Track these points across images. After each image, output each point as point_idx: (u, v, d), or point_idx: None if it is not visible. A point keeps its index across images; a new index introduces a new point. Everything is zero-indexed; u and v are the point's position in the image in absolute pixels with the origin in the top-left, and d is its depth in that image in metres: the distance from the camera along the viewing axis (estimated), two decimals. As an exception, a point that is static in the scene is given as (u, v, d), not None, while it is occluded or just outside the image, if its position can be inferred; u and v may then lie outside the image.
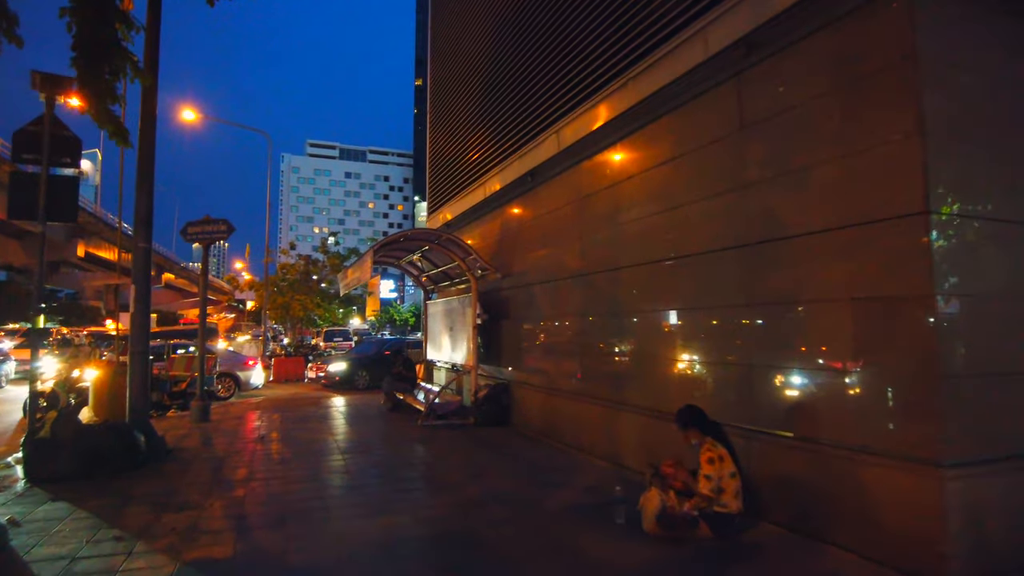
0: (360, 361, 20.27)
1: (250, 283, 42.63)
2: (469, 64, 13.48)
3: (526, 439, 9.81)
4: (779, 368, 5.39)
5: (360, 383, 19.42)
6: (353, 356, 21.18)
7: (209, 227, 12.54)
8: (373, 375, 19.46)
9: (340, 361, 20.47)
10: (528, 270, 10.56)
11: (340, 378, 19.46)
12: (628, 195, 7.62)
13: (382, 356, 20.49)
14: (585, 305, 8.64)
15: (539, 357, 10.06)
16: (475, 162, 12.59)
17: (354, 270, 11.84)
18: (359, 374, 19.58)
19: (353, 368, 19.70)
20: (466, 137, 13.34)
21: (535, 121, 9.70)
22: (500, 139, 11.12)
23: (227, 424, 11.78)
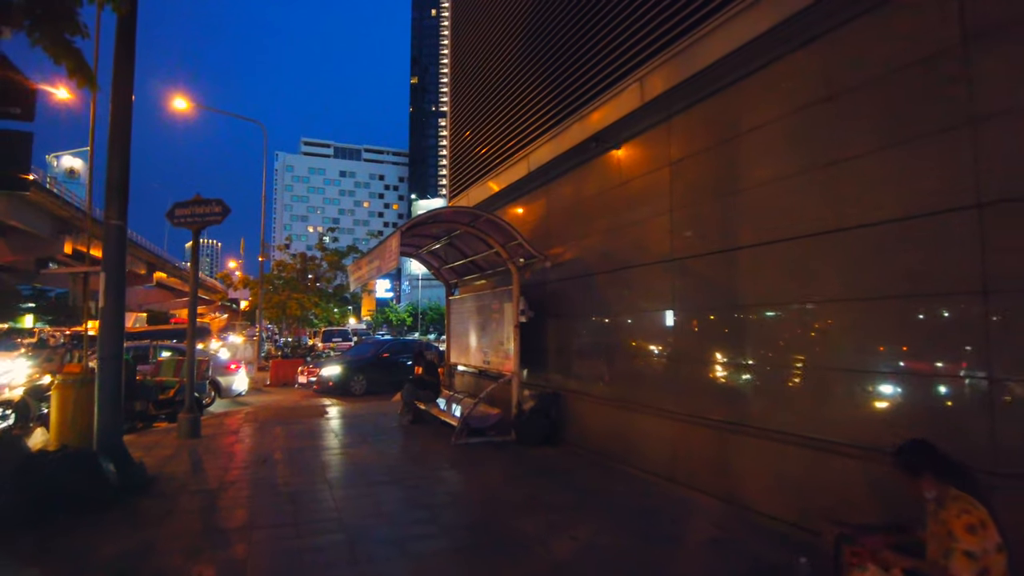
0: (356, 364, 18.55)
1: (244, 281, 40.66)
2: (506, 7, 11.60)
3: (588, 462, 8.01)
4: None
5: (356, 389, 17.75)
6: (348, 359, 19.33)
7: (200, 208, 10.68)
8: (371, 380, 18.11)
9: (334, 365, 18.58)
10: (586, 257, 8.76)
11: (334, 383, 17.65)
12: (754, 150, 5.83)
13: (380, 359, 19.07)
14: (679, 297, 6.83)
15: (604, 362, 8.25)
16: (512, 132, 10.76)
17: (371, 259, 10.00)
18: (355, 379, 17.90)
19: (349, 372, 17.95)
20: (500, 103, 11.46)
21: (607, 69, 7.87)
22: (553, 98, 9.28)
23: (220, 441, 9.93)
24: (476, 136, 12.82)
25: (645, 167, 7.44)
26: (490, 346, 10.78)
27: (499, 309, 10.42)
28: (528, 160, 10.03)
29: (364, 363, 18.70)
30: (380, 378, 18.30)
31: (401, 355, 19.51)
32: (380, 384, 18.09)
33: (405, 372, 19.06)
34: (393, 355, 19.51)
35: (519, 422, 9.25)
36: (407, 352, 19.66)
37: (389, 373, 18.52)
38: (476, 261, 11.30)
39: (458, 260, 11.76)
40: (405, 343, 22.35)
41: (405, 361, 19.14)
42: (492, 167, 11.80)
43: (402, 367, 18.90)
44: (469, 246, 10.89)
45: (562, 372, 9.33)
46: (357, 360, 18.99)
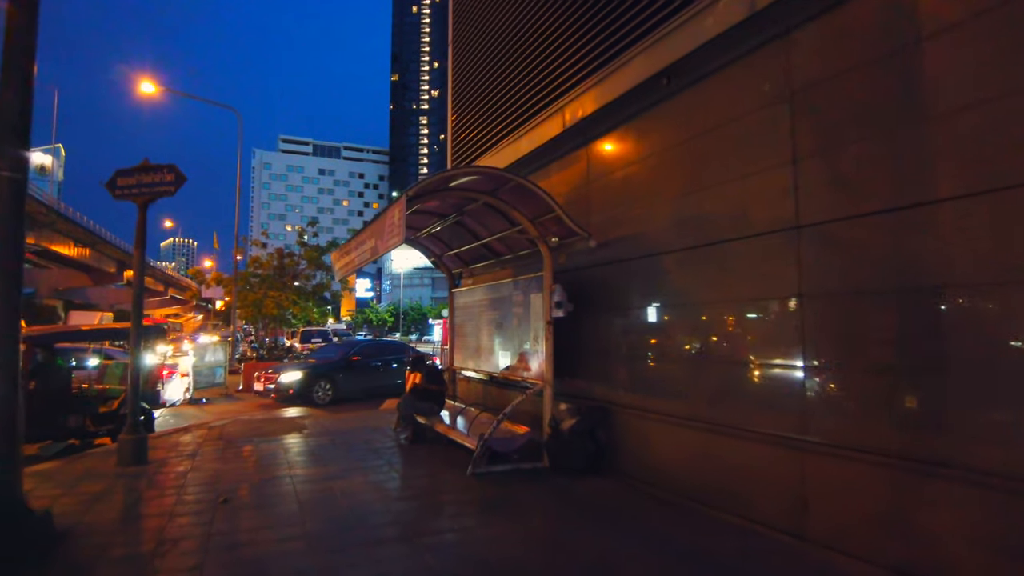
0: (320, 369, 16.24)
1: (217, 278, 38.15)
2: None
3: (658, 502, 6.03)
4: None
5: (320, 397, 15.56)
6: (312, 363, 16.86)
7: (148, 177, 8.53)
8: (338, 387, 16.07)
9: (293, 370, 16.14)
10: (647, 233, 6.77)
11: (294, 391, 15.41)
12: (952, 64, 3.88)
13: (349, 362, 16.91)
14: (809, 278, 4.85)
15: (679, 369, 6.26)
16: (541, 79, 8.68)
17: (362, 241, 7.93)
18: (319, 385, 15.69)
19: (311, 378, 15.68)
20: (524, 41, 9.22)
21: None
22: (603, 27, 7.18)
23: (171, 469, 7.77)
24: (488, 89, 10.62)
25: (747, 105, 5.46)
26: (510, 347, 8.75)
27: (523, 302, 8.39)
28: (563, 114, 8.00)
29: (330, 367, 16.44)
30: (349, 385, 16.40)
31: (374, 358, 17.67)
32: (349, 392, 16.25)
33: (378, 377, 17.17)
34: (365, 358, 17.42)
35: (555, 444, 7.23)
36: (381, 354, 18.10)
37: (360, 379, 16.84)
38: (491, 244, 9.25)
39: (467, 244, 9.70)
40: (379, 344, 20.20)
41: (378, 365, 17.46)
42: (509, 128, 9.73)
43: (375, 372, 17.32)
44: (484, 224, 8.83)
45: (611, 381, 7.33)
46: (322, 364, 16.66)
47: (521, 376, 8.36)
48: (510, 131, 9.64)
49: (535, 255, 8.36)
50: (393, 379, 17.28)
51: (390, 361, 17.84)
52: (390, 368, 17.60)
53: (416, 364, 10.04)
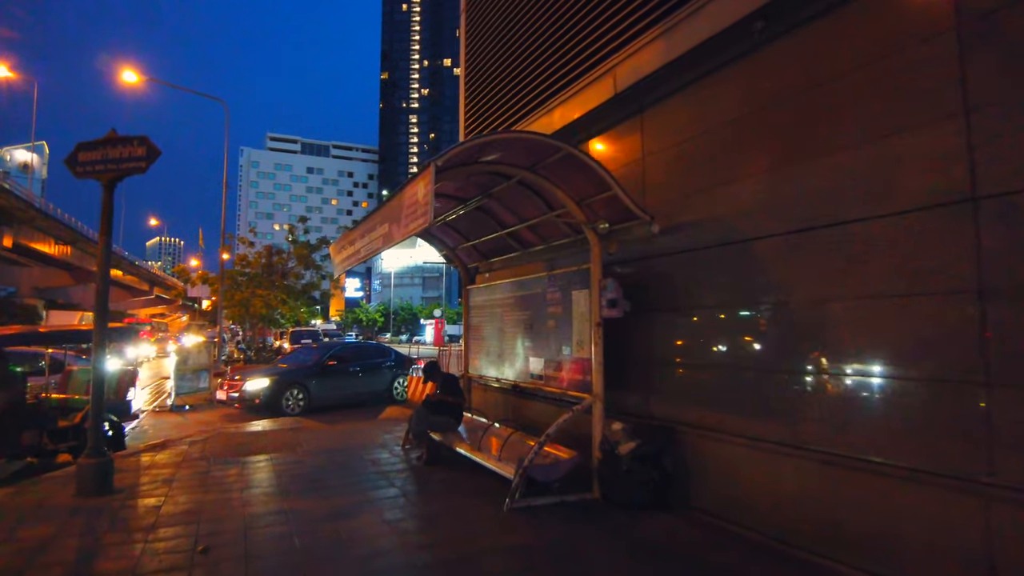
0: (291, 376, 14.63)
1: (203, 276, 36.55)
2: None
3: (754, 547, 4.78)
4: None
5: (290, 407, 14.01)
6: (282, 369, 15.24)
7: (115, 151, 7.18)
8: (311, 395, 14.48)
9: (260, 377, 14.52)
10: (729, 215, 5.52)
11: (261, 400, 13.88)
12: None
13: (324, 368, 15.21)
14: (994, 267, 3.61)
15: (782, 384, 4.99)
16: (586, 33, 7.35)
17: (372, 226, 6.62)
18: (289, 394, 14.15)
19: (280, 386, 14.12)
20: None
21: None
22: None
23: (140, 501, 6.41)
24: (512, 52, 9.17)
25: (887, 43, 4.21)
26: (542, 353, 7.46)
27: (560, 300, 7.11)
28: (613, 76, 6.71)
29: (302, 373, 14.78)
30: (325, 392, 14.84)
31: (352, 362, 15.98)
32: (325, 400, 14.71)
33: (357, 384, 15.62)
34: (342, 363, 15.71)
35: (609, 472, 5.96)
36: (361, 358, 16.42)
37: (337, 386, 15.28)
38: (519, 233, 7.96)
39: (489, 233, 8.40)
40: (358, 347, 18.35)
41: (357, 370, 15.85)
42: (539, 98, 8.39)
43: (354, 378, 15.70)
44: (513, 209, 7.54)
45: (678, 396, 6.07)
46: (293, 370, 14.99)
47: (559, 388, 7.08)
48: (540, 101, 8.33)
49: (575, 245, 7.09)
50: (374, 386, 16.02)
51: (370, 366, 16.33)
52: (370, 373, 16.14)
53: (430, 372, 8.72)
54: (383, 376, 16.33)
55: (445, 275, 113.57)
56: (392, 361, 16.87)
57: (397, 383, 16.48)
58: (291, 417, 12.75)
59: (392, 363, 16.76)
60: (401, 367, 16.83)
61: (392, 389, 16.34)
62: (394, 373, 16.54)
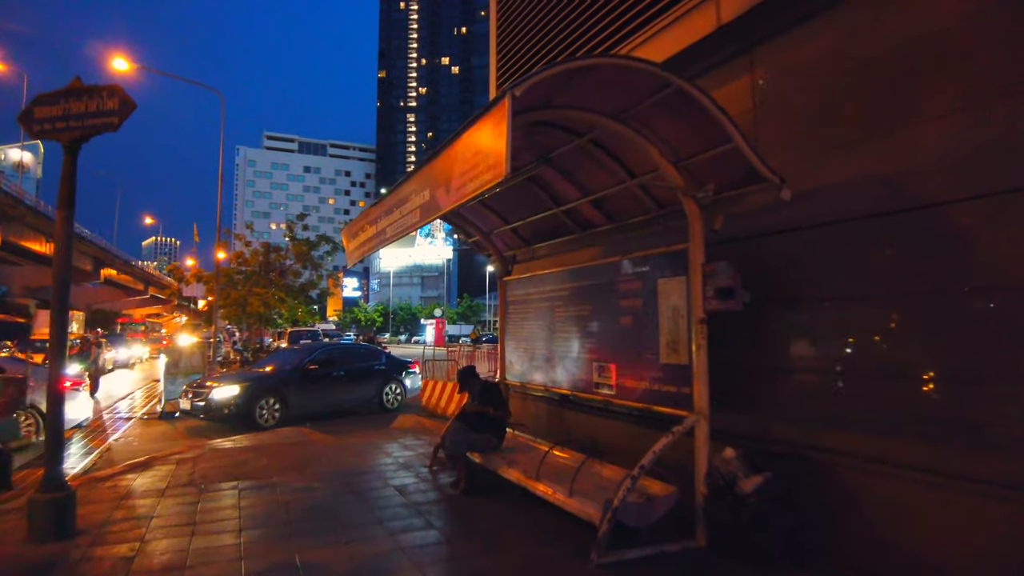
0: (266, 382, 12.55)
1: (197, 274, 35.00)
2: None
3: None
4: None
5: (264, 418, 11.95)
6: (254, 374, 13.15)
7: (79, 104, 5.71)
8: (289, 404, 12.42)
9: (229, 383, 12.25)
10: (914, 171, 4.07)
11: (231, 411, 11.77)
12: None
13: (305, 372, 13.18)
14: None
15: (996, 402, 3.56)
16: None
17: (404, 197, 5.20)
18: (264, 403, 12.06)
19: (253, 393, 12.01)
20: None
21: None
22: None
23: (106, 548, 4.95)
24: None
25: None
26: (614, 356, 6.01)
27: (640, 291, 5.67)
28: (717, 5, 5.25)
29: (279, 379, 12.77)
30: (304, 401, 12.86)
31: (337, 366, 13.94)
32: (305, 409, 12.74)
33: (343, 391, 13.67)
34: (325, 367, 13.65)
35: (724, 515, 4.51)
36: (346, 361, 14.31)
37: (318, 393, 13.29)
38: (578, 210, 6.53)
39: (537, 211, 6.97)
40: (343, 349, 15.95)
41: (342, 375, 13.79)
42: (606, 40, 6.90)
43: (338, 384, 13.68)
44: (577, 177, 6.10)
45: (812, 414, 4.63)
46: (270, 375, 12.97)
47: (637, 401, 5.64)
48: (614, 42, 6.82)
49: (657, 223, 5.68)
50: (362, 393, 14.11)
51: (358, 370, 14.29)
52: (358, 379, 14.16)
53: (466, 378, 7.24)
54: (373, 381, 14.36)
55: (445, 275, 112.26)
56: (383, 364, 14.84)
57: (388, 389, 14.49)
58: (292, 428, 11.20)
59: (383, 366, 14.75)
60: (394, 371, 14.85)
61: (383, 396, 14.36)
62: (386, 378, 14.55)
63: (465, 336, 74.82)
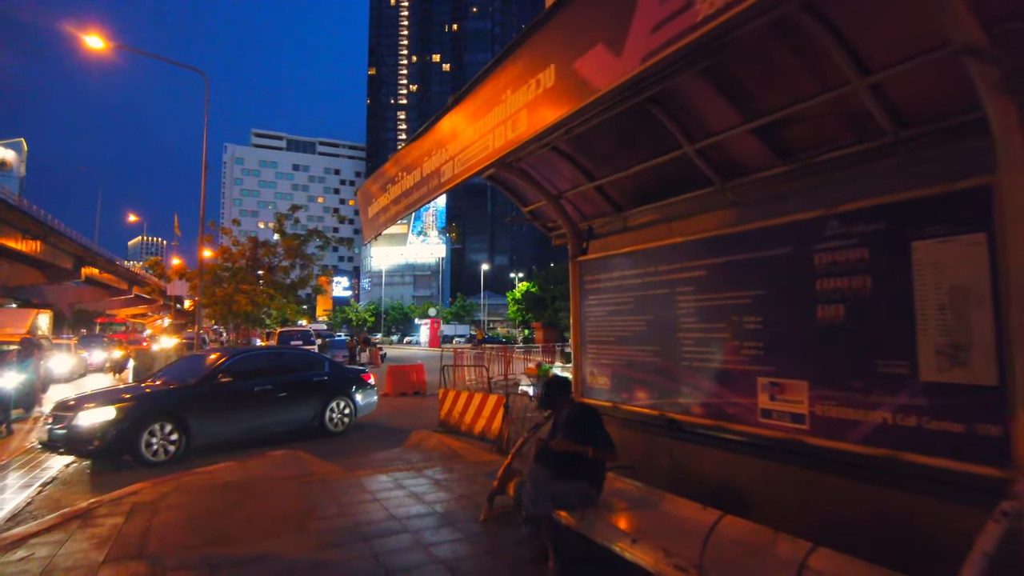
0: (156, 402, 9.14)
1: (179, 270, 32.53)
2: None
3: None
4: None
5: (155, 452, 8.67)
6: (141, 391, 9.51)
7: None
8: (192, 431, 9.11)
9: (103, 403, 8.73)
10: None
11: (102, 441, 8.37)
12: None
13: (214, 387, 9.74)
14: None
15: None
16: None
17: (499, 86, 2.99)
18: (154, 431, 8.72)
19: (137, 418, 8.65)
20: None
21: None
22: None
23: None
24: None
25: None
26: (809, 368, 3.81)
27: (865, 263, 3.48)
28: None
29: (177, 397, 9.34)
30: (215, 426, 9.55)
31: (263, 378, 10.44)
32: (215, 436, 9.54)
33: (269, 412, 10.32)
34: (243, 378, 10.18)
35: None
36: (277, 372, 10.79)
37: (236, 416, 9.89)
38: (725, 147, 4.32)
39: (648, 158, 4.77)
40: (275, 355, 11.84)
41: (268, 389, 10.32)
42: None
43: (264, 402, 10.26)
44: (744, 88, 3.89)
45: None
46: (164, 392, 9.47)
47: (866, 443, 3.44)
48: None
49: (895, 152, 3.48)
50: (296, 413, 10.76)
51: (291, 384, 10.76)
52: (291, 395, 10.66)
53: (553, 395, 4.91)
54: (311, 398, 10.97)
55: (439, 273, 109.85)
56: (325, 375, 11.40)
57: (334, 408, 11.17)
58: (287, 451, 8.84)
59: (325, 378, 11.35)
60: (340, 384, 11.51)
61: (326, 417, 11.04)
62: (329, 393, 11.19)
63: (459, 337, 72.78)
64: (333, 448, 9.66)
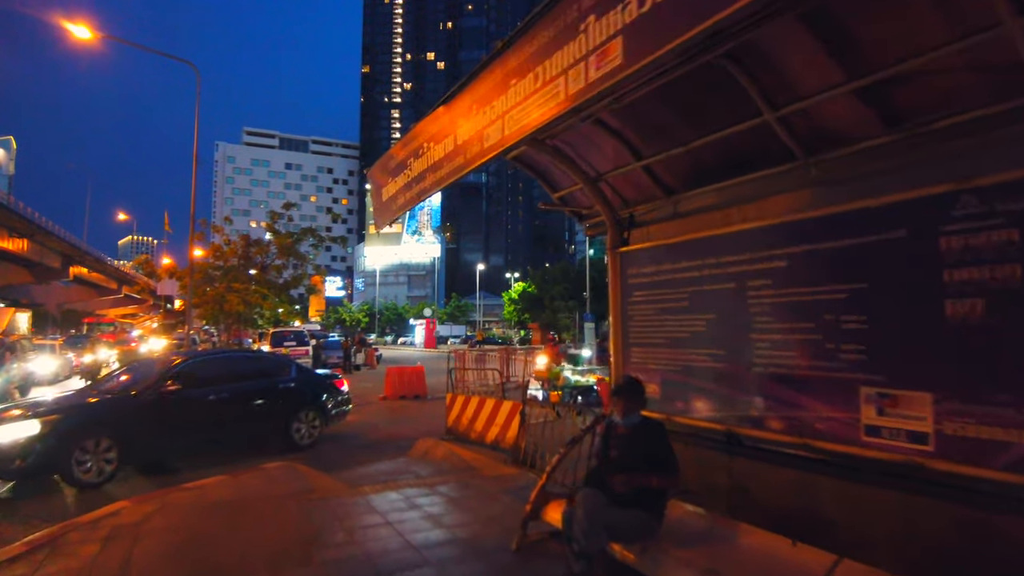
0: (91, 413, 8.00)
1: (169, 269, 31.62)
2: None
3: None
4: None
5: (88, 469, 7.45)
6: (72, 402, 8.47)
7: None
8: (132, 446, 7.91)
9: (28, 417, 7.45)
10: None
11: (25, 461, 7.10)
12: None
13: (160, 394, 8.36)
14: None
15: None
16: None
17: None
18: (87, 448, 7.50)
19: (66, 431, 7.45)
20: None
21: None
22: None
23: None
24: None
25: None
26: (936, 378, 3.11)
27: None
28: None
29: (115, 408, 8.17)
30: (160, 440, 8.35)
31: (218, 384, 9.12)
32: (160, 451, 8.52)
33: (224, 424, 9.04)
34: (195, 387, 8.83)
35: None
36: (234, 378, 9.47)
37: (185, 428, 8.65)
38: (814, 114, 3.62)
39: (713, 130, 4.07)
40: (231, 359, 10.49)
41: (225, 398, 9.03)
42: None
43: (220, 412, 8.96)
44: (854, 37, 3.19)
45: None
46: (99, 403, 8.31)
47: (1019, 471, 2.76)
48: None
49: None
50: (257, 425, 9.52)
51: (250, 392, 9.48)
52: (251, 404, 9.41)
53: (635, 403, 4.11)
54: (276, 407, 9.65)
55: (433, 273, 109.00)
56: (292, 382, 10.05)
57: (302, 419, 9.81)
58: (283, 463, 8.02)
59: (292, 384, 10.01)
60: (309, 391, 10.17)
61: (292, 429, 9.66)
62: (296, 402, 9.87)
63: (455, 337, 72.12)
64: (332, 459, 8.93)
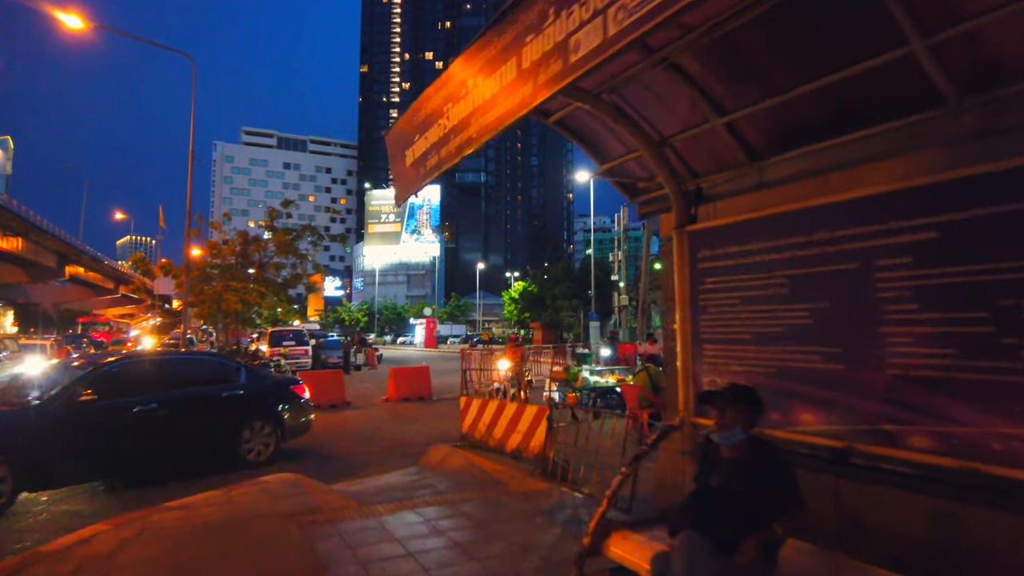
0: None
1: (165, 267, 30.70)
2: None
3: None
4: None
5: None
6: None
7: None
8: (31, 468, 6.52)
9: None
10: None
11: None
12: None
13: (72, 407, 6.98)
14: None
15: None
16: None
17: None
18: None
19: None
20: None
21: None
22: None
23: None
24: None
25: None
26: None
27: None
28: None
29: (14, 422, 6.88)
30: (75, 460, 6.94)
31: (147, 393, 7.67)
32: (76, 474, 7.11)
33: (155, 440, 7.57)
34: (117, 394, 7.46)
35: None
36: (170, 384, 8.14)
37: (106, 445, 7.26)
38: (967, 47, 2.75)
39: (793, 85, 3.19)
40: (164, 362, 9.28)
41: (153, 410, 7.48)
42: None
43: (150, 427, 7.48)
44: None
45: None
46: None
47: None
48: None
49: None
50: (196, 439, 8.18)
51: (190, 401, 8.18)
52: (189, 416, 8.09)
53: (753, 413, 3.18)
54: (220, 420, 8.39)
55: (433, 272, 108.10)
56: (240, 389, 8.68)
57: (252, 431, 8.51)
58: (283, 475, 7.09)
59: (240, 392, 8.65)
60: (262, 400, 8.88)
61: (241, 444, 8.36)
62: (244, 412, 8.58)
63: (455, 337, 71.22)
64: (337, 467, 8.05)
